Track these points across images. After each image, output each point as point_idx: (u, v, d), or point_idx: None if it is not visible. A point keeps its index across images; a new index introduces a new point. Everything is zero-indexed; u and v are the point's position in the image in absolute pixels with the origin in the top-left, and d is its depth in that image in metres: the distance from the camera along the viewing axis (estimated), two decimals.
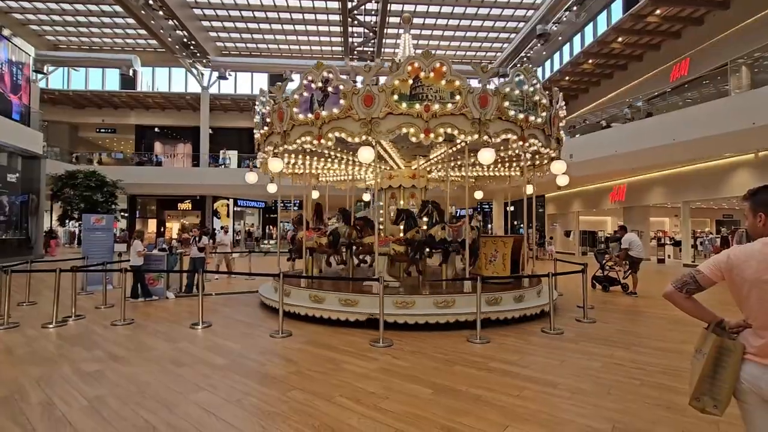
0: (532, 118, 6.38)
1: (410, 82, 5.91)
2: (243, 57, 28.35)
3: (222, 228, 13.56)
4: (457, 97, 5.91)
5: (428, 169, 9.53)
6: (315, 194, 10.73)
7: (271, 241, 29.13)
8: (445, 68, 5.87)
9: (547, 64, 25.51)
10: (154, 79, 30.34)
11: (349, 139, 6.16)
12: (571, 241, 24.03)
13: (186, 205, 28.81)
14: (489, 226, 28.79)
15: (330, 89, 6.22)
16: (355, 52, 24.17)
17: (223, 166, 27.00)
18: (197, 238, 9.89)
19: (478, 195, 11.53)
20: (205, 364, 4.70)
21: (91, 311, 7.53)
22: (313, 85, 6.32)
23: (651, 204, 18.37)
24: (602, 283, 10.21)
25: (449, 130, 5.92)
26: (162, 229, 27.90)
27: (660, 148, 13.28)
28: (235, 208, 30.26)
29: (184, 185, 24.65)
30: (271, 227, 33.15)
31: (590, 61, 21.41)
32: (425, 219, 7.22)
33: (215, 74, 27.34)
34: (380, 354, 5.08)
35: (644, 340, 5.76)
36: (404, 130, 5.90)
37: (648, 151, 13.67)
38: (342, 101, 6.13)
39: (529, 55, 24.33)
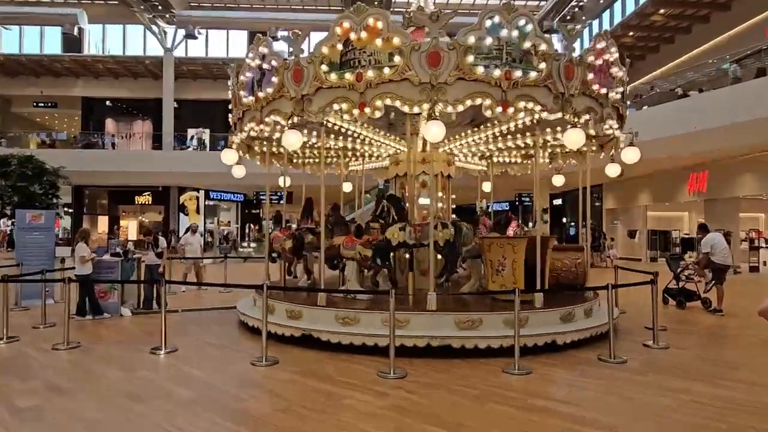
0: (517, 73, 6.05)
1: (340, 47, 6.12)
2: (216, 10, 28.47)
3: (190, 227, 13.65)
4: (397, 59, 5.95)
5: (448, 151, 9.52)
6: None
7: (253, 244, 29.31)
8: (381, 24, 5.96)
9: (605, 15, 25.21)
10: (105, 40, 30.71)
11: (282, 122, 6.63)
12: (637, 243, 23.84)
13: (145, 199, 29.16)
14: (530, 225, 28.59)
15: (266, 66, 6.74)
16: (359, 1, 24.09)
17: (192, 149, 27.24)
18: (152, 243, 9.97)
19: (560, 179, 10.88)
20: (168, 399, 4.73)
21: (27, 331, 7.64)
22: (252, 63, 6.85)
23: (741, 195, 18.12)
24: (677, 297, 10.12)
25: (389, 101, 6.07)
26: (116, 229, 28.29)
27: (760, 123, 12.90)
28: (206, 202, 30.49)
29: (143, 173, 24.92)
30: (253, 226, 33.41)
31: (662, 11, 21.11)
32: (402, 218, 7.43)
33: (181, 32, 27.53)
34: (391, 387, 5.08)
35: (731, 371, 5.70)
36: (336, 107, 6.17)
37: (742, 127, 13.37)
38: (274, 78, 6.59)
39: (581, 4, 24.10)
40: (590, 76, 6.52)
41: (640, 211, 23.66)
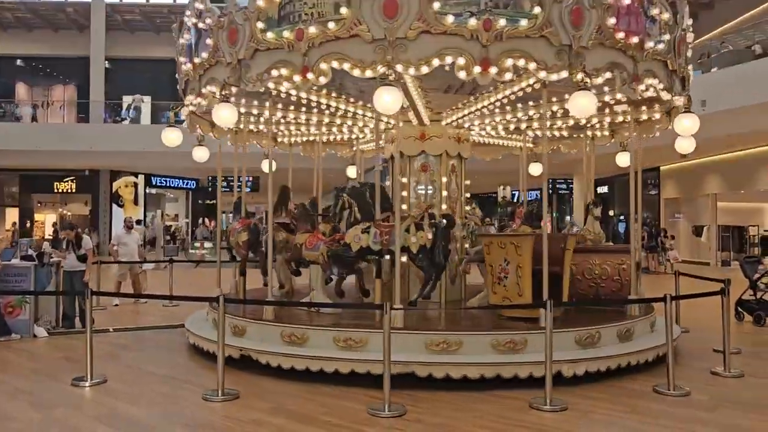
0: (501, 22, 5.92)
1: None
2: None
3: (126, 222, 13.57)
4: (344, 10, 5.96)
5: (458, 123, 9.49)
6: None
7: (207, 243, 29.23)
8: None
9: None
10: None
11: (218, 93, 6.91)
12: (704, 242, 23.86)
13: (67, 186, 28.98)
14: (568, 218, 28.60)
15: (201, 26, 7.06)
16: None
17: (128, 122, 27.05)
18: (73, 242, 9.83)
19: (535, 169, 11.53)
20: None
21: None
22: (189, 23, 7.24)
23: None
24: (754, 311, 10.13)
25: (336, 64, 6.12)
26: (28, 225, 28.13)
27: None
28: (147, 190, 30.33)
29: (64, 152, 24.72)
30: (207, 220, 33.33)
31: None
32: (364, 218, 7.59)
33: None
34: (386, 429, 5.06)
35: None
36: (275, 73, 6.32)
37: None
38: (209, 41, 6.89)
39: None
40: (611, 20, 6.27)
41: (708, 202, 23.66)
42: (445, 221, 7.36)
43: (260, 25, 6.32)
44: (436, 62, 6.01)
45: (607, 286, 8.06)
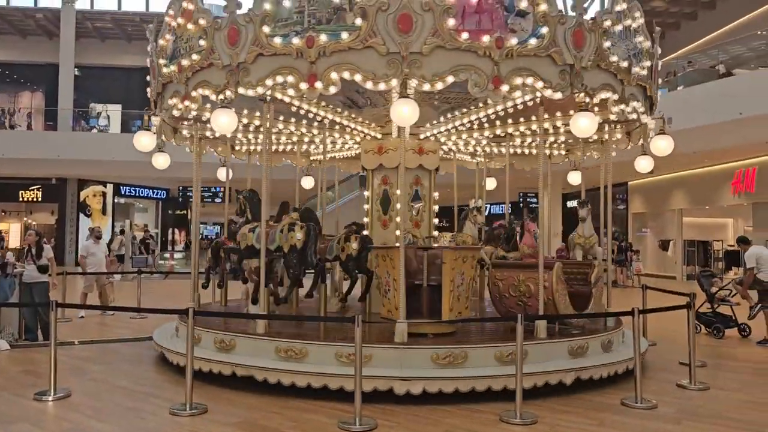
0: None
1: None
2: None
3: (92, 232, 13.38)
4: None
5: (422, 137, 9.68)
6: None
7: (178, 254, 28.90)
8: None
9: None
10: None
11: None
12: (671, 256, 24.30)
13: (33, 194, 28.43)
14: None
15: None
16: None
17: (97, 130, 26.72)
18: (33, 250, 9.69)
19: (490, 184, 11.99)
20: None
21: None
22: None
23: None
24: (712, 324, 10.32)
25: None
26: None
27: None
28: (116, 200, 29.97)
29: (30, 160, 24.30)
30: (179, 231, 32.97)
31: None
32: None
33: None
34: None
35: None
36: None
37: None
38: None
39: None
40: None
41: (674, 217, 24.19)
42: (313, 225, 7.64)
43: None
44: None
45: (533, 305, 7.40)
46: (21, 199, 28.51)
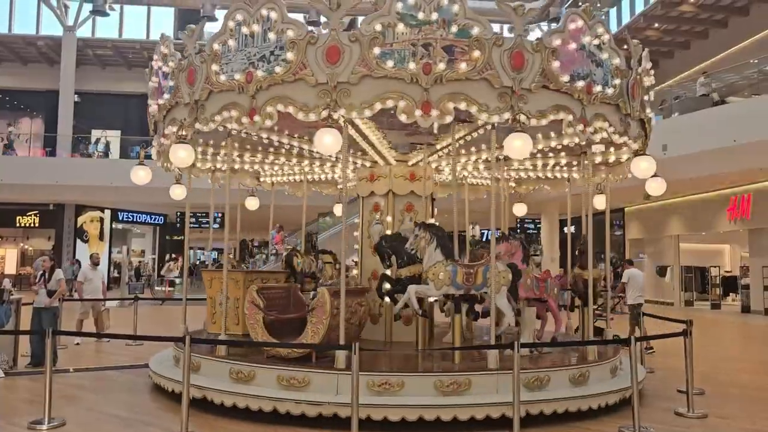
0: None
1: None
2: None
3: (93, 259, 13.35)
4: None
5: (437, 165, 9.82)
6: (253, 203, 11.65)
7: (176, 280, 28.74)
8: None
9: (625, 3, 26.09)
10: None
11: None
12: (668, 282, 24.27)
13: (30, 220, 28.40)
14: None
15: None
16: None
17: (96, 156, 26.78)
18: (45, 275, 9.67)
19: (520, 210, 11.77)
20: None
21: None
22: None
23: None
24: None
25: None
26: None
27: None
28: (113, 225, 29.90)
29: (28, 186, 24.24)
30: (174, 257, 32.84)
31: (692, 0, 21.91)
32: None
33: (88, 7, 27.35)
34: None
35: None
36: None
37: None
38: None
39: None
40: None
41: (672, 243, 24.23)
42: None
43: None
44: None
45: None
46: (18, 224, 28.49)
